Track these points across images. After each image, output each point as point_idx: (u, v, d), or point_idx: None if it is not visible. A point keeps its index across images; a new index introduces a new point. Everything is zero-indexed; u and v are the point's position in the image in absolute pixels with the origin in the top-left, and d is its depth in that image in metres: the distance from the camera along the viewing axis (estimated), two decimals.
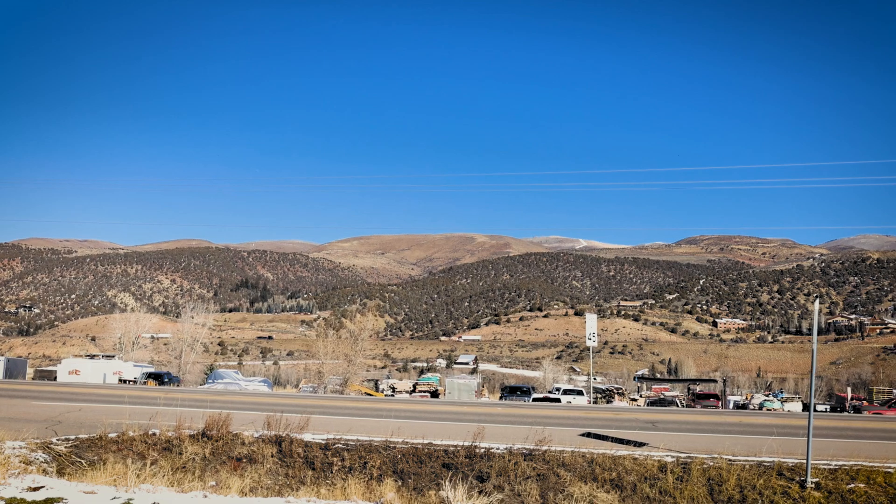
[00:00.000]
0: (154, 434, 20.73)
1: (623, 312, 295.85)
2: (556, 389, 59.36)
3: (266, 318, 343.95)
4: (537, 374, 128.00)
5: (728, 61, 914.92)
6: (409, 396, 59.89)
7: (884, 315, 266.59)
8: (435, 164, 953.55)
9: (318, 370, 61.64)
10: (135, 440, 20.24)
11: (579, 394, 56.26)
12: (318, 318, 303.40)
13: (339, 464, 18.92)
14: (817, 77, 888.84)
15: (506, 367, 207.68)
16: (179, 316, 79.40)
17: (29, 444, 17.70)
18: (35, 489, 13.71)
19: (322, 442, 20.58)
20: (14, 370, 66.53)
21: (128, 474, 14.61)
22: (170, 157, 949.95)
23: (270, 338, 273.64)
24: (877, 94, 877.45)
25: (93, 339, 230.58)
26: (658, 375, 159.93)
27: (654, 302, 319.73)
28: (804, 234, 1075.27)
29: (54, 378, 67.87)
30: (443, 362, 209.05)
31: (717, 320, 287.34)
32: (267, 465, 18.65)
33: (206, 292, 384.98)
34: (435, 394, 62.93)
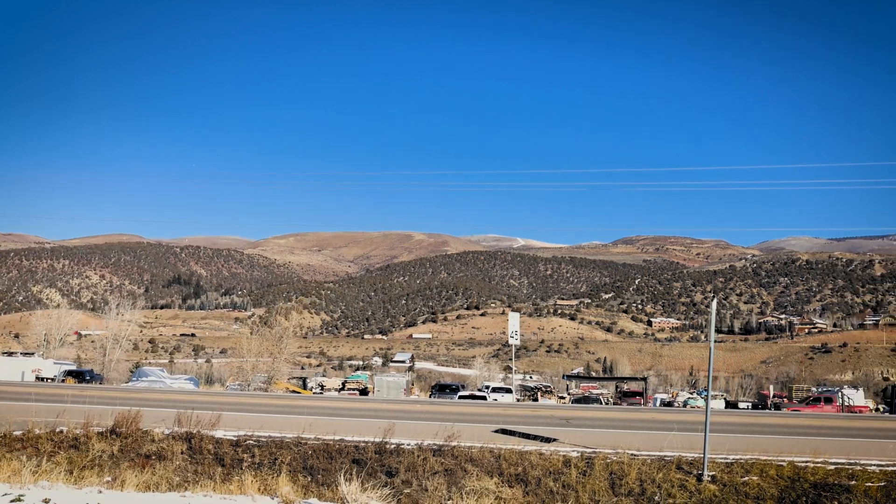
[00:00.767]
0: (61, 432, 20.42)
1: (560, 311, 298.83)
2: (485, 387, 59.91)
3: (199, 315, 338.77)
4: (473, 373, 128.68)
5: (665, 61, 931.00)
6: (338, 394, 59.75)
7: (812, 315, 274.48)
8: (374, 161, 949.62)
9: (241, 368, 61.04)
10: (41, 438, 19.91)
11: (507, 392, 56.82)
12: (253, 315, 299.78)
13: (249, 460, 18.88)
14: (750, 79, 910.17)
15: (442, 366, 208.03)
16: (105, 312, 77.59)
17: None
18: None
19: (234, 438, 20.50)
20: None
21: (23, 471, 14.37)
22: (102, 151, 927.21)
23: (193, 335, 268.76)
24: (806, 98, 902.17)
25: (16, 336, 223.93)
26: (594, 374, 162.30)
27: (590, 301, 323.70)
28: (737, 236, 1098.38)
29: None
30: (379, 360, 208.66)
31: (651, 320, 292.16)
32: (176, 462, 18.49)
33: (137, 288, 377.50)
34: (364, 391, 62.88)
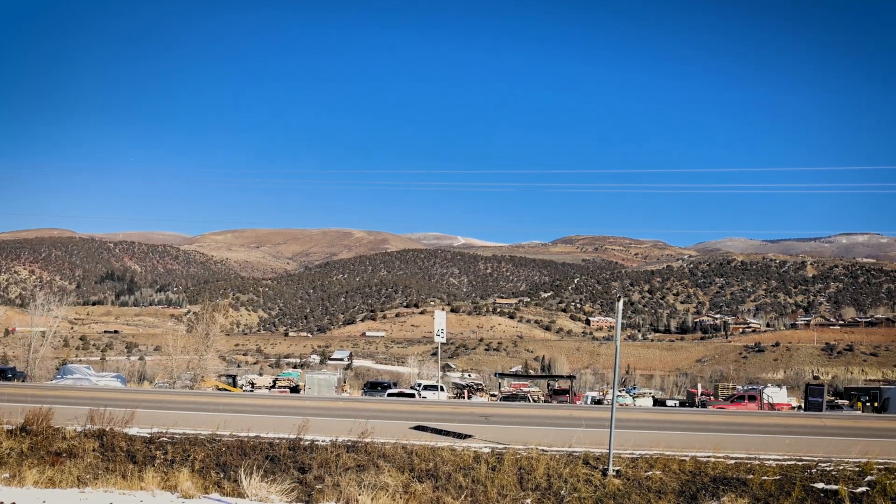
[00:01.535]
0: None
1: (499, 310, 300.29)
2: (417, 385, 60.19)
3: (133, 311, 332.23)
4: (412, 370, 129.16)
5: (604, 59, 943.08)
6: (268, 392, 59.43)
7: (746, 315, 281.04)
8: (314, 158, 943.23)
9: (167, 366, 60.35)
10: None
11: (440, 389, 57.14)
12: (189, 312, 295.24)
13: (162, 457, 18.80)
14: (688, 82, 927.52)
15: (381, 364, 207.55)
16: (30, 307, 75.57)
17: None
18: None
19: (147, 436, 20.37)
20: None
21: None
22: (33, 145, 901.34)
23: (116, 332, 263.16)
24: (742, 101, 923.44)
25: None
26: (532, 372, 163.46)
27: (529, 300, 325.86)
28: (675, 237, 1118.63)
29: None
30: (317, 358, 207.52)
31: (590, 318, 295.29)
32: (87, 460, 18.31)
33: (69, 284, 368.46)
34: (295, 389, 62.66)
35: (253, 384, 65.69)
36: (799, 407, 65.67)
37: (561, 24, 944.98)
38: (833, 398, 72.65)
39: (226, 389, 56.16)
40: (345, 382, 71.55)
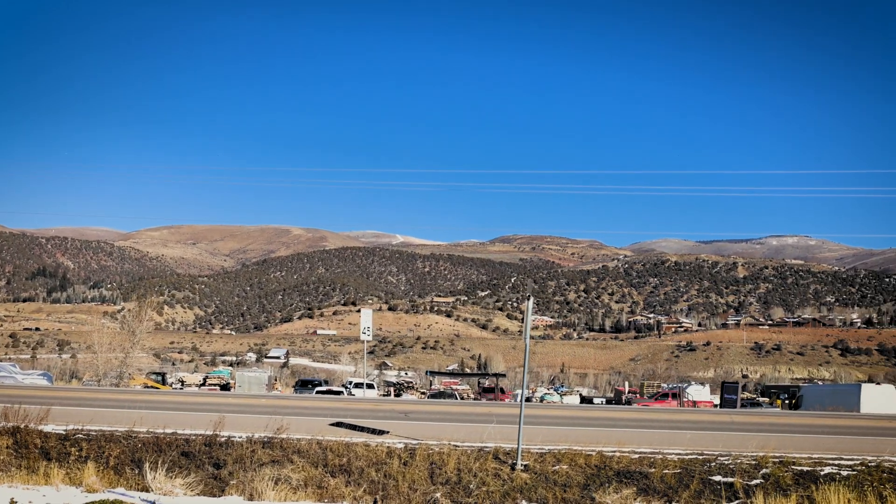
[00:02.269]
0: None
1: (436, 308, 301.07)
2: (348, 382, 60.50)
3: (65, 308, 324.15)
4: (349, 368, 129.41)
5: (551, 60, 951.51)
6: (197, 389, 59.05)
7: (679, 315, 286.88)
8: (252, 155, 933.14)
9: (93, 364, 59.61)
10: None
11: (370, 387, 57.44)
12: (123, 309, 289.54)
13: (77, 454, 18.82)
14: (632, 82, 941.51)
15: (318, 362, 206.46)
16: None
17: None
18: None
19: (62, 432, 20.35)
20: None
21: None
22: None
23: (37, 329, 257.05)
24: (686, 104, 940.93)
25: None
26: (468, 370, 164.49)
27: (466, 298, 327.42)
28: (611, 237, 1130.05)
29: None
30: (253, 356, 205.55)
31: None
32: (0, 457, 18.27)
33: None
34: (226, 387, 62.39)
35: (183, 382, 65.17)
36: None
37: (506, 24, 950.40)
38: (755, 396, 75.12)
39: (154, 387, 55.71)
40: (276, 380, 71.40)
